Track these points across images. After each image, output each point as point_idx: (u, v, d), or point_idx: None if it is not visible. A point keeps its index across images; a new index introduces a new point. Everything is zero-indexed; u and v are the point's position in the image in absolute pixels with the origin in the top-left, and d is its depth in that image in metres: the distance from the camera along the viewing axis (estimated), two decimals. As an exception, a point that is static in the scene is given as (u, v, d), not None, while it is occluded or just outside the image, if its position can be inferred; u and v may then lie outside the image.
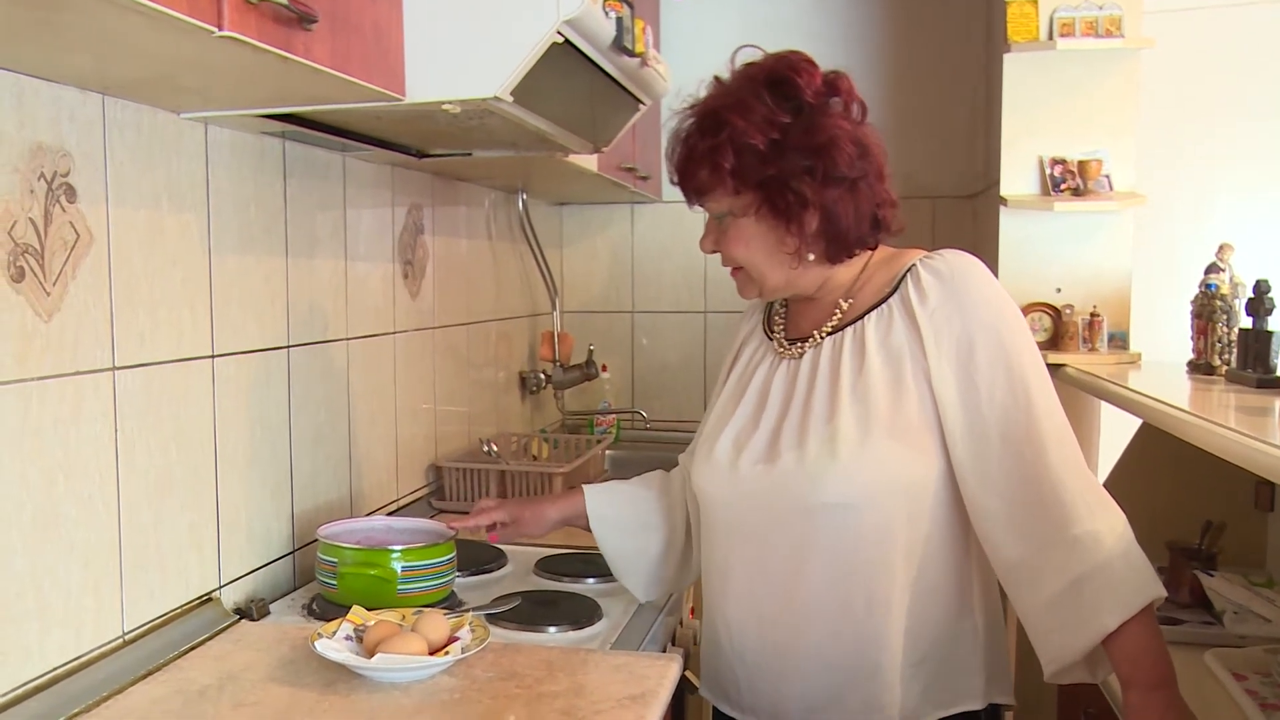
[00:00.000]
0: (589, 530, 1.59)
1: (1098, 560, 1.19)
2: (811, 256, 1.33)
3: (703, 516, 1.43)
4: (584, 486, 1.62)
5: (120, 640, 1.35)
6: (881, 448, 1.25)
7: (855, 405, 1.27)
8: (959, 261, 1.30)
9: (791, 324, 1.43)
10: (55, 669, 1.24)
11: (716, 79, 1.36)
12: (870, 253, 1.39)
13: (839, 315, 1.36)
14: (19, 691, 1.19)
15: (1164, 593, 1.22)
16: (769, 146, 1.28)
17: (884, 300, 1.32)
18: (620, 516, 1.59)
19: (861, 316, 1.33)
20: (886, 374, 1.28)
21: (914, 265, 1.32)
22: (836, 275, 1.37)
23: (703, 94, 1.35)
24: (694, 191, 1.36)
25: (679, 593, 1.69)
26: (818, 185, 1.28)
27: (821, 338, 1.36)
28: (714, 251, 1.39)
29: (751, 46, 1.36)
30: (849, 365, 1.30)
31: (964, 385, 1.25)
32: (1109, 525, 1.21)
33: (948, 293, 1.28)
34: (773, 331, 1.45)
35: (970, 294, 1.27)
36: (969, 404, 1.25)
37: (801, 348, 1.37)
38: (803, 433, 1.30)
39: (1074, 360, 2.47)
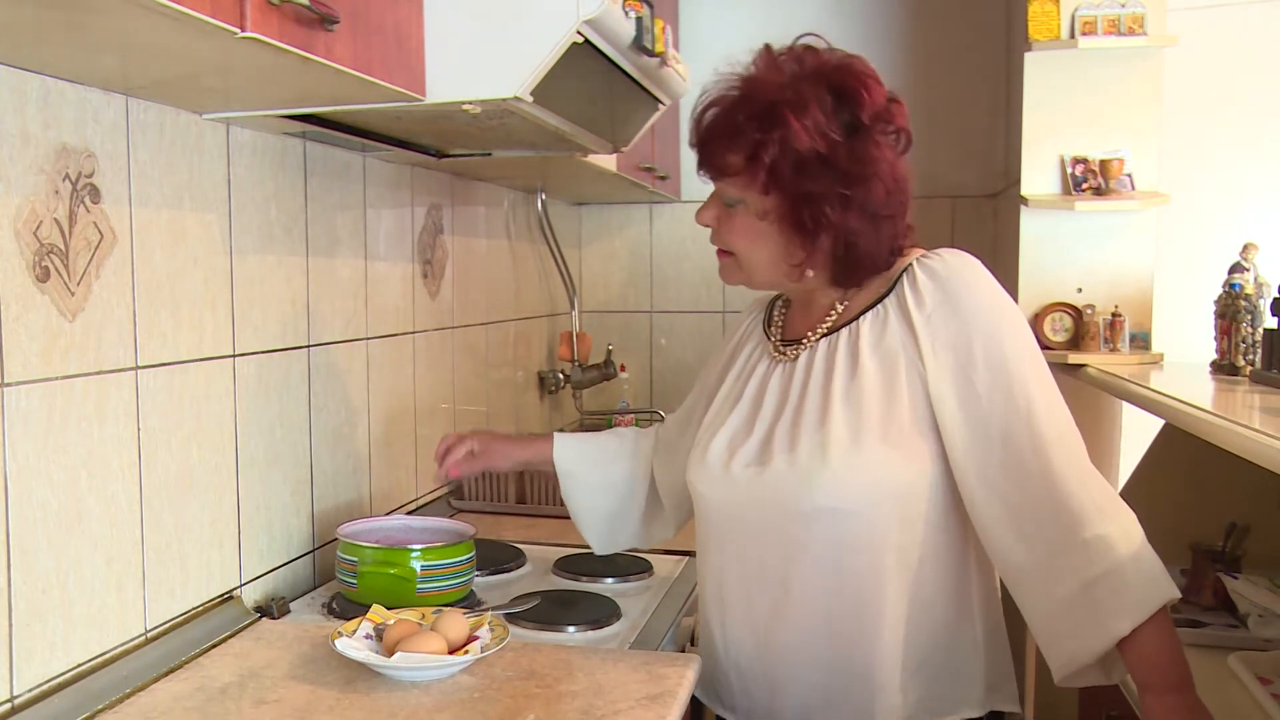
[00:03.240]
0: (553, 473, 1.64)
1: (1108, 564, 1.17)
2: (811, 273, 1.30)
3: (698, 518, 1.42)
4: (554, 434, 1.65)
5: (142, 638, 1.36)
6: (872, 452, 1.22)
7: (846, 409, 1.25)
8: (956, 262, 1.27)
9: (789, 325, 1.40)
10: (79, 665, 1.25)
11: (768, 49, 1.29)
12: None
13: (834, 317, 1.33)
14: (45, 687, 1.20)
15: (1177, 594, 1.20)
16: (815, 160, 1.22)
17: (879, 300, 1.29)
18: (583, 472, 1.62)
19: (856, 317, 1.30)
20: (880, 377, 1.25)
21: (910, 265, 1.29)
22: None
23: (750, 64, 1.28)
24: (717, 170, 1.29)
25: (643, 547, 1.72)
26: (847, 213, 1.24)
27: (815, 340, 1.33)
28: (709, 226, 1.33)
29: (813, 35, 1.30)
30: (842, 368, 1.27)
31: (963, 389, 1.22)
32: (1120, 527, 1.18)
33: (944, 295, 1.24)
34: (770, 332, 1.41)
35: (968, 296, 1.24)
36: (968, 408, 1.22)
37: (796, 350, 1.34)
38: (794, 437, 1.27)
39: (1095, 360, 2.45)
